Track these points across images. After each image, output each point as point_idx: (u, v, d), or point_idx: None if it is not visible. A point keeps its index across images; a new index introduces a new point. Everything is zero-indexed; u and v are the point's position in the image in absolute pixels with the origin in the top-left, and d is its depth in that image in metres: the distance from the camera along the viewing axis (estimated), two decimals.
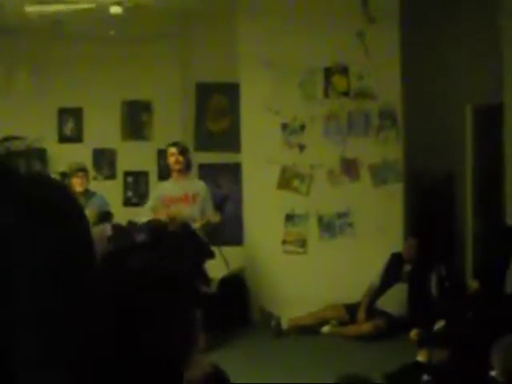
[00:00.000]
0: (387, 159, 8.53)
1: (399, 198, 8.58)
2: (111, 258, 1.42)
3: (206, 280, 7.48)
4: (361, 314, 8.18)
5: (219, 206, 8.44)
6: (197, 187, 7.90)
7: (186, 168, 7.93)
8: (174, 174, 7.92)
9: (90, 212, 7.63)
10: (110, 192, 8.84)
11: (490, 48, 8.40)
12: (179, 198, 7.79)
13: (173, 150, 7.88)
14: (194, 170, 8.90)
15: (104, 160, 9.63)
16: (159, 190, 8.12)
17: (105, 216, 7.84)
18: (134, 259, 1.43)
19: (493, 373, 5.56)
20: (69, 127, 9.72)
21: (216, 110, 9.35)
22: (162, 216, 7.47)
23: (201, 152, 9.26)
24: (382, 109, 8.50)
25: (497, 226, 8.39)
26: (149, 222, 7.34)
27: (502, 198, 8.34)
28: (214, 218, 7.91)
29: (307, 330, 8.06)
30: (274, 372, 6.89)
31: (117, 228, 7.47)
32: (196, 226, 7.57)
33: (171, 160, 7.86)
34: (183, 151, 7.89)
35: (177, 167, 7.85)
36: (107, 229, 7.02)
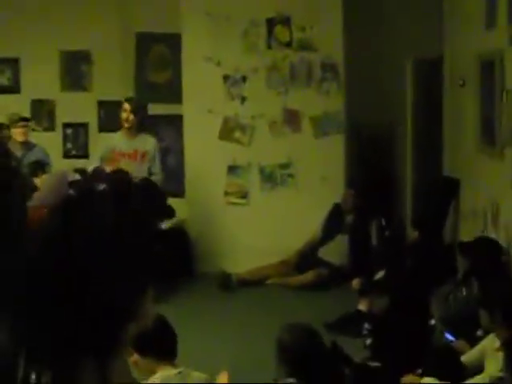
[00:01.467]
0: (329, 110, 8.57)
1: (340, 149, 8.63)
2: (69, 203, 1.41)
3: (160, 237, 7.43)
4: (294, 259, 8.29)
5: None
6: (147, 145, 7.84)
7: (138, 126, 7.85)
8: (124, 130, 7.84)
9: (29, 164, 7.52)
10: (49, 144, 8.70)
11: (431, 1, 8.45)
12: (128, 154, 7.72)
13: (126, 105, 7.78)
14: None
15: (42, 111, 9.45)
16: (108, 140, 8.01)
17: (43, 168, 7.73)
18: (91, 207, 1.42)
19: (432, 321, 5.71)
20: (5, 77, 9.50)
21: (157, 61, 9.23)
22: (112, 168, 7.36)
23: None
24: (324, 60, 8.51)
25: (435, 176, 8.52)
26: (113, 171, 7.13)
27: (440, 150, 8.46)
28: (157, 175, 7.87)
29: (253, 283, 8.11)
30: (218, 323, 6.94)
31: (80, 173, 7.31)
32: None
33: (123, 116, 7.76)
34: (136, 110, 7.79)
35: (126, 125, 7.76)
36: (67, 175, 6.82)
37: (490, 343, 4.45)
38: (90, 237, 1.37)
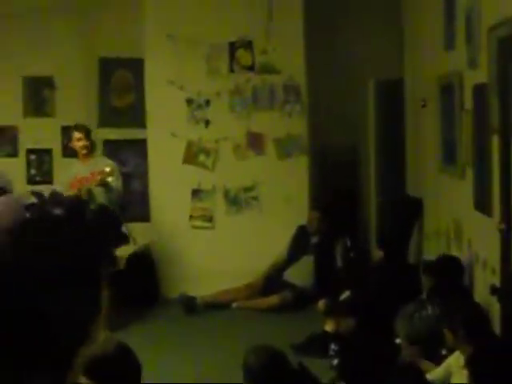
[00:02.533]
0: (292, 133, 8.62)
1: (304, 171, 8.68)
2: (25, 228, 1.41)
3: (114, 261, 7.35)
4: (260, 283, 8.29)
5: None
6: (104, 167, 7.78)
7: (92, 149, 7.82)
8: (81, 156, 7.79)
9: None
10: (12, 170, 8.64)
11: (391, 24, 8.56)
12: (86, 179, 7.67)
13: (78, 134, 7.72)
14: (99, 147, 8.81)
15: (5, 137, 9.39)
16: (72, 168, 7.93)
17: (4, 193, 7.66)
18: (45, 230, 1.42)
19: (397, 340, 5.73)
20: None
21: (120, 86, 9.23)
22: (73, 193, 7.32)
23: (105, 128, 9.14)
24: (287, 83, 8.57)
25: (399, 196, 8.59)
26: (71, 196, 7.10)
27: (403, 170, 8.55)
28: (115, 190, 7.72)
29: (219, 306, 8.09)
30: (184, 347, 6.92)
31: (37, 196, 7.24)
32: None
33: (78, 145, 7.70)
34: (88, 133, 7.76)
35: (84, 151, 7.71)
36: (23, 198, 6.74)
37: (456, 361, 4.48)
38: (42, 260, 1.37)
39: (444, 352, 4.88)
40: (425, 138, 7.48)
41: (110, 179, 7.35)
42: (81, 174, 7.64)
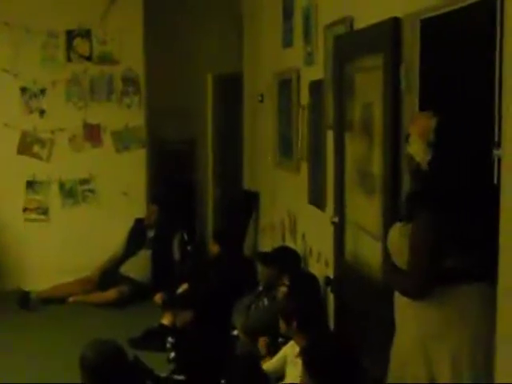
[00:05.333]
0: (130, 125, 8.53)
1: (142, 164, 8.62)
2: None
3: None
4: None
5: None
6: None
7: None
8: None
9: None
10: None
11: (231, 18, 8.64)
12: None
13: None
14: None
15: None
16: None
17: None
18: None
19: (235, 331, 5.81)
20: None
21: None
22: None
23: None
24: (125, 74, 8.48)
25: (235, 190, 8.70)
26: None
27: (241, 164, 8.65)
28: None
29: (55, 301, 7.91)
30: (18, 342, 6.73)
31: None
32: None
33: None
34: None
35: None
36: None
37: (291, 350, 4.59)
38: None
39: (281, 340, 4.99)
40: (262, 133, 7.60)
41: None
42: None
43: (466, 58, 3.43)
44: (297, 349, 4.37)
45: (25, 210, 8.47)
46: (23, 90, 8.36)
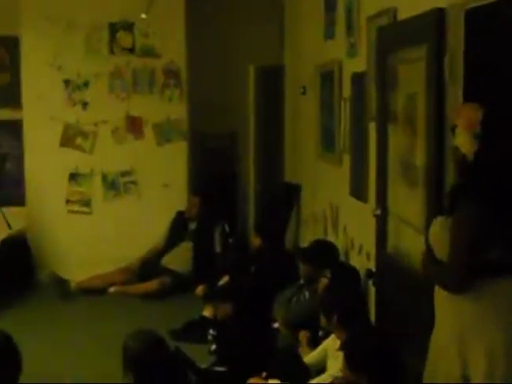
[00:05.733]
0: (171, 117, 8.56)
1: (183, 157, 8.65)
2: None
3: None
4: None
5: None
6: None
7: None
8: None
9: None
10: None
11: (273, 11, 8.62)
12: None
13: None
14: None
15: None
16: None
17: None
18: None
19: (276, 324, 5.81)
20: None
21: None
22: None
23: None
24: (167, 67, 8.50)
25: (277, 183, 8.68)
26: None
27: (283, 157, 8.64)
28: None
29: (94, 292, 7.98)
30: (61, 332, 6.79)
31: None
32: None
33: None
34: None
35: None
36: None
37: (332, 344, 4.57)
38: None
39: (321, 334, 4.97)
40: (304, 126, 7.58)
41: None
42: None
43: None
44: (338, 342, 4.35)
45: (67, 201, 8.55)
46: (67, 82, 8.43)
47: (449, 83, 3.70)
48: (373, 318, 5.06)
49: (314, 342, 5.01)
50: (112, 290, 8.04)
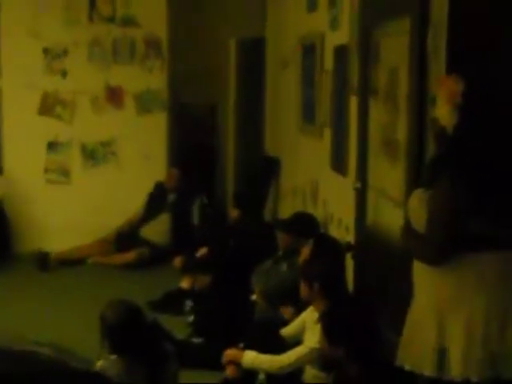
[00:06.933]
0: (152, 88, 8.51)
1: (163, 128, 8.60)
2: None
3: None
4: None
5: None
6: None
7: None
8: None
9: None
10: None
11: None
12: None
13: None
14: None
15: None
16: None
17: None
18: None
19: (253, 296, 5.81)
20: None
21: None
22: None
23: None
24: (148, 37, 8.43)
25: (256, 155, 8.67)
26: None
27: (262, 129, 8.61)
28: None
29: (73, 262, 7.95)
30: (38, 302, 6.77)
31: None
32: None
33: None
34: None
35: None
36: None
37: (310, 316, 4.58)
38: None
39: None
40: (284, 98, 7.55)
41: None
42: None
43: (496, 20, 3.37)
44: (316, 314, 4.36)
45: (46, 170, 8.50)
46: (45, 51, 8.35)
47: (431, 56, 3.69)
48: (351, 291, 5.08)
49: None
50: (90, 260, 8.03)
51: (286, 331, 4.82)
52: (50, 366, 3.16)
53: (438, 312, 3.15)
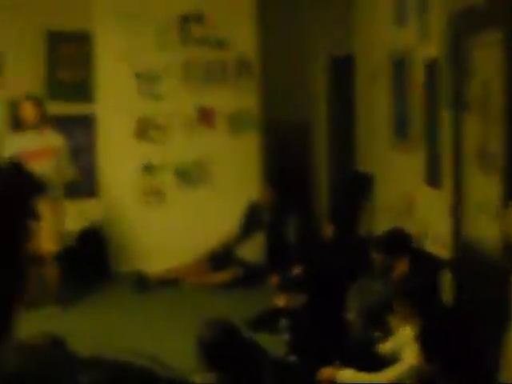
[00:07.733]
0: (243, 108, 8.58)
1: (255, 147, 8.66)
2: None
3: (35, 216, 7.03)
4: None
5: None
6: (54, 141, 7.61)
7: (42, 121, 7.64)
8: (29, 128, 7.61)
9: None
10: None
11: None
12: (36, 153, 7.48)
13: (27, 103, 7.58)
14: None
15: None
16: (14, 143, 7.71)
17: None
18: None
19: (349, 314, 5.77)
20: None
21: (68, 59, 9.07)
22: None
23: (52, 102, 8.95)
24: (239, 58, 8.52)
25: (350, 172, 8.62)
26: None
27: (355, 146, 8.57)
28: (71, 174, 7.69)
29: (168, 282, 8.06)
30: (136, 323, 6.87)
31: None
32: (53, 183, 7.21)
33: (26, 113, 7.55)
34: (37, 104, 7.60)
35: (32, 121, 7.54)
36: None
37: (407, 333, 4.52)
38: None
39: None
40: (376, 114, 7.50)
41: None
42: (29, 147, 7.44)
43: None
44: (412, 332, 4.30)
45: (141, 192, 8.64)
46: (139, 75, 8.51)
47: None
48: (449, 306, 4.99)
49: (388, 332, 4.95)
50: (187, 280, 8.11)
51: (384, 349, 4.76)
52: (144, 375, 3.20)
53: None
